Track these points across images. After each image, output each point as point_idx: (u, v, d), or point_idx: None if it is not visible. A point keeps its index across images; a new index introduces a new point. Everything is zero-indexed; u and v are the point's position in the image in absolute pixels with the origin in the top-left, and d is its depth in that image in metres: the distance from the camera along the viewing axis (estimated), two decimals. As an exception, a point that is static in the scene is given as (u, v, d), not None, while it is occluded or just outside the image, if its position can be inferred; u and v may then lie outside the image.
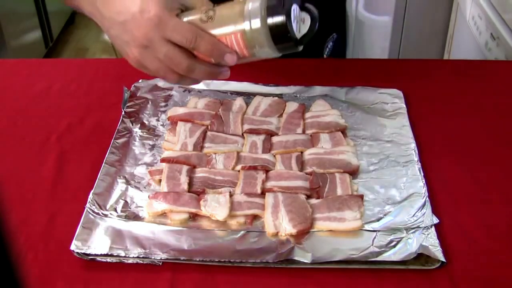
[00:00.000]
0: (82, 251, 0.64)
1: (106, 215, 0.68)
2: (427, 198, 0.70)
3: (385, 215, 0.69)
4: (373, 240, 0.65)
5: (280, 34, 0.64)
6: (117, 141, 0.81)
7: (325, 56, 1.08)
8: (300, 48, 0.67)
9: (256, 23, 0.64)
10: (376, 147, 0.80)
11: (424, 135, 0.83)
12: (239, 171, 0.76)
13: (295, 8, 0.65)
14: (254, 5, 0.64)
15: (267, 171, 0.75)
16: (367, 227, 0.67)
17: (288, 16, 0.63)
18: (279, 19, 0.63)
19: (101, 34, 3.16)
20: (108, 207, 0.70)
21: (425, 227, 0.66)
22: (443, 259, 0.62)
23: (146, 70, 0.71)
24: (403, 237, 0.65)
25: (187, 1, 0.69)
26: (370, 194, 0.72)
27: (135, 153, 0.79)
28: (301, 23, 0.67)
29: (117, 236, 0.66)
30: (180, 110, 0.86)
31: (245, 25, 0.64)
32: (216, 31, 0.66)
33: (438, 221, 0.68)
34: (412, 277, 0.62)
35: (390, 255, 0.63)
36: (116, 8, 0.68)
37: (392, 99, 0.89)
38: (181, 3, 0.69)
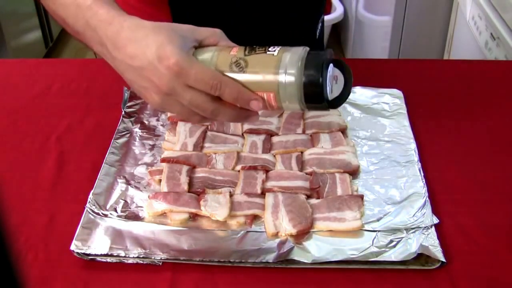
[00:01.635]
0: (82, 251, 0.64)
1: (106, 215, 0.68)
2: (427, 198, 0.70)
3: (385, 215, 0.69)
4: (373, 240, 0.65)
5: (313, 94, 0.60)
6: (117, 141, 0.81)
7: (317, 35, 1.08)
8: (331, 110, 0.65)
9: (290, 80, 0.60)
10: (376, 147, 0.80)
11: (424, 135, 0.83)
12: (239, 171, 0.76)
13: (330, 68, 0.62)
14: (291, 61, 0.60)
15: (267, 171, 0.75)
16: (367, 227, 0.67)
17: (324, 77, 0.60)
18: (315, 78, 0.59)
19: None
20: (108, 207, 0.70)
21: (425, 227, 0.66)
22: (443, 259, 0.62)
23: (168, 112, 0.66)
24: (403, 237, 0.65)
25: (200, 34, 0.65)
26: (370, 194, 0.72)
27: (135, 153, 0.79)
28: (334, 82, 0.64)
29: (117, 236, 0.66)
30: (180, 110, 0.86)
31: (279, 78, 0.60)
32: (246, 79, 0.62)
33: (438, 221, 0.68)
34: (412, 277, 0.62)
35: (390, 255, 0.63)
36: (130, 51, 0.63)
37: (392, 99, 0.89)
38: (194, 38, 0.64)
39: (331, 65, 0.62)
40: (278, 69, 0.60)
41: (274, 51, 0.61)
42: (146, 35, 0.61)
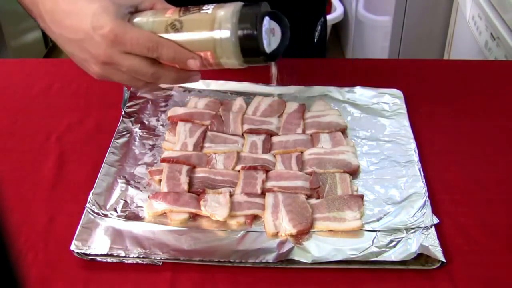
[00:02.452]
0: (82, 251, 0.64)
1: (106, 215, 0.68)
2: (427, 198, 0.70)
3: (385, 215, 0.69)
4: (373, 240, 0.65)
5: (250, 48, 0.61)
6: (117, 141, 0.81)
7: (315, 40, 1.07)
8: (270, 62, 0.66)
9: (226, 36, 0.61)
10: (376, 147, 0.80)
11: (424, 135, 0.83)
12: (239, 171, 0.76)
13: (266, 21, 0.62)
14: (225, 17, 0.61)
15: (267, 171, 0.75)
16: (367, 227, 0.67)
17: (259, 30, 0.60)
18: (249, 32, 0.60)
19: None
20: (108, 207, 0.70)
21: (425, 227, 0.66)
22: (443, 259, 0.62)
23: (110, 80, 0.68)
24: (403, 237, 0.65)
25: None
26: (370, 194, 0.72)
27: (135, 153, 0.79)
28: (271, 35, 0.63)
29: (117, 236, 0.66)
30: (180, 110, 0.86)
31: (214, 35, 0.61)
32: (182, 39, 0.63)
33: (438, 221, 0.68)
34: (412, 277, 0.63)
35: (390, 255, 0.63)
36: (67, 25, 0.64)
37: (392, 99, 0.89)
38: (130, 4, 0.65)
39: (266, 18, 0.62)
40: (213, 27, 0.61)
41: (208, 9, 0.62)
42: (81, 7, 0.62)
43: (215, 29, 0.61)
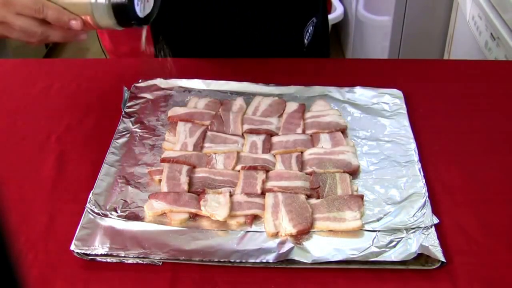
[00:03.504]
0: (82, 251, 0.64)
1: (106, 215, 0.68)
2: (427, 198, 0.70)
3: (385, 215, 0.69)
4: (373, 240, 0.65)
5: (123, 13, 0.71)
6: (117, 141, 0.81)
7: (306, 41, 1.07)
8: (145, 26, 0.75)
9: (101, 2, 0.70)
10: (376, 147, 0.80)
11: (424, 135, 0.83)
12: (239, 171, 0.76)
13: None
14: None
15: (267, 171, 0.75)
16: (367, 227, 0.67)
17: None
18: (122, 1, 0.69)
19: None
20: (108, 207, 0.70)
21: (425, 227, 0.66)
22: (443, 259, 0.62)
23: (8, 38, 0.76)
24: (403, 237, 0.65)
25: None
26: (370, 194, 0.72)
27: (135, 153, 0.79)
28: (145, 1, 0.73)
29: (117, 236, 0.66)
30: (180, 110, 0.86)
31: (91, 1, 0.70)
32: (64, 2, 0.72)
33: (438, 221, 0.68)
34: (412, 277, 0.62)
35: (390, 255, 0.63)
36: None
37: (392, 99, 0.89)
38: None
39: None
40: None
41: None
42: None
43: None
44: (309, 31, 1.07)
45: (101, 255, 0.64)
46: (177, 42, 1.00)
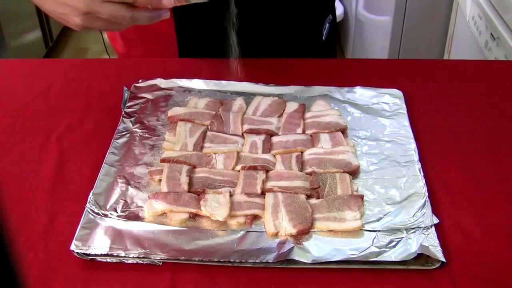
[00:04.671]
0: (82, 251, 0.64)
1: (106, 215, 0.68)
2: (427, 198, 0.70)
3: (385, 215, 0.69)
4: (373, 240, 0.65)
5: None
6: (117, 141, 0.81)
7: (323, 38, 1.09)
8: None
9: None
10: (376, 147, 0.80)
11: (424, 135, 0.83)
12: (239, 171, 0.76)
13: None
14: None
15: (267, 171, 0.75)
16: (367, 227, 0.67)
17: None
18: None
19: (101, 34, 3.16)
20: (108, 207, 0.70)
21: (425, 227, 0.66)
22: (443, 259, 0.62)
23: (91, 29, 0.74)
24: (403, 237, 0.65)
25: None
26: (370, 194, 0.72)
27: (135, 153, 0.79)
28: None
29: (117, 236, 0.66)
30: (180, 110, 0.86)
31: None
32: None
33: (438, 221, 0.68)
34: (412, 277, 0.62)
35: (390, 255, 0.63)
36: None
37: (392, 99, 0.89)
38: None
39: None
40: None
41: None
42: None
43: None
44: (326, 28, 1.09)
45: (101, 255, 0.64)
46: (200, 41, 1.00)
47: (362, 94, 0.91)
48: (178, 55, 1.03)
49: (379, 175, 0.75)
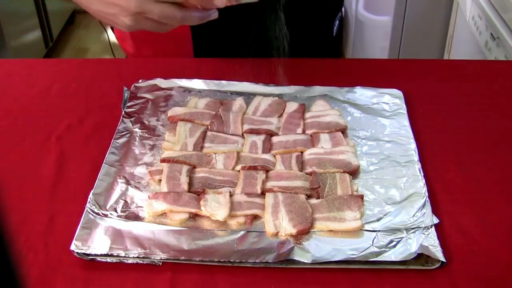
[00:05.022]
0: (82, 251, 0.64)
1: (106, 215, 0.68)
2: (427, 198, 0.70)
3: (385, 215, 0.69)
4: (373, 240, 0.65)
5: None
6: (117, 141, 0.81)
7: (334, 33, 1.10)
8: None
9: None
10: (376, 147, 0.80)
11: (424, 135, 0.83)
12: (239, 171, 0.76)
13: None
14: None
15: (267, 171, 0.75)
16: (367, 227, 0.67)
17: None
18: None
19: (101, 34, 3.16)
20: (108, 207, 0.70)
21: (425, 227, 0.66)
22: (443, 259, 0.62)
23: (139, 30, 0.72)
24: (403, 237, 0.65)
25: None
26: (370, 194, 0.72)
27: (135, 153, 0.79)
28: None
29: (117, 236, 0.66)
30: (180, 110, 0.86)
31: None
32: None
33: (438, 221, 0.68)
34: (412, 277, 0.62)
35: (390, 255, 0.63)
36: None
37: (392, 99, 0.89)
38: None
39: None
40: None
41: None
42: None
43: None
44: (336, 24, 1.09)
45: (101, 255, 0.64)
46: (216, 41, 1.00)
47: (362, 94, 0.91)
48: (193, 55, 1.03)
49: (379, 175, 0.75)
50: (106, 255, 0.64)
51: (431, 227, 0.66)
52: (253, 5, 0.75)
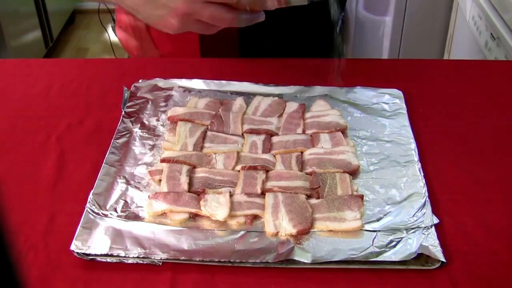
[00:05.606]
0: (82, 251, 0.64)
1: (106, 215, 0.68)
2: (427, 198, 0.70)
3: (385, 215, 0.69)
4: (373, 240, 0.65)
5: None
6: (117, 141, 0.81)
7: (338, 32, 1.10)
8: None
9: None
10: (376, 147, 0.80)
11: (424, 135, 0.83)
12: (239, 171, 0.76)
13: None
14: None
15: (267, 171, 0.75)
16: (367, 227, 0.67)
17: None
18: None
19: (101, 34, 3.16)
20: (108, 207, 0.70)
21: (425, 227, 0.66)
22: (443, 259, 0.62)
23: (186, 31, 0.72)
24: (403, 237, 0.65)
25: None
26: (370, 194, 0.72)
27: (135, 153, 0.79)
28: None
29: (117, 236, 0.66)
30: (180, 110, 0.86)
31: None
32: None
33: (438, 221, 0.68)
34: (412, 277, 0.62)
35: (390, 255, 0.63)
36: None
37: (392, 99, 0.89)
38: None
39: None
40: None
41: None
42: None
43: None
44: (340, 24, 1.09)
45: (101, 255, 0.64)
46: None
47: (362, 94, 0.91)
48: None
49: (379, 175, 0.75)
50: (106, 255, 0.64)
51: (431, 227, 0.66)
52: (303, 7, 0.75)
